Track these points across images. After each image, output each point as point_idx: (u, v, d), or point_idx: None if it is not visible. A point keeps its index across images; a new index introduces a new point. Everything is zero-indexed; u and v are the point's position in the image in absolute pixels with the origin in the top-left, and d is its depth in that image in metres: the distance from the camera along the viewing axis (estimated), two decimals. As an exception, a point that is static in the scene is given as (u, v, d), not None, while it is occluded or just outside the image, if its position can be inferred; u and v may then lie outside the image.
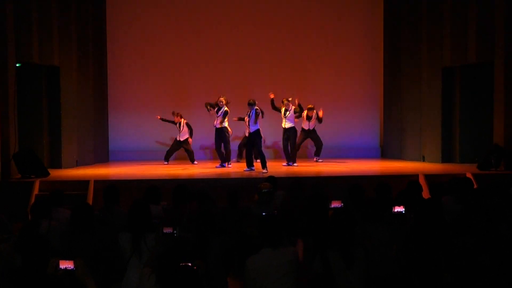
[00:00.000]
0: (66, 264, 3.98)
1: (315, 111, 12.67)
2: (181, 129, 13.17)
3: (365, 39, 15.04)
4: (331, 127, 13.81)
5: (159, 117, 13.45)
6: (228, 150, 12.28)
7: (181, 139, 13.22)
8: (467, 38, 12.16)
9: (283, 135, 12.46)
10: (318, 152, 13.11)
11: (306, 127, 12.86)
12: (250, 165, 11.37)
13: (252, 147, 11.49)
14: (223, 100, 12.03)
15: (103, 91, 14.11)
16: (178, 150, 13.46)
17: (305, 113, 12.64)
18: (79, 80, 12.79)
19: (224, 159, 12.24)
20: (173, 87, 14.79)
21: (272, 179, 7.46)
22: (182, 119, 13.18)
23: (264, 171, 10.85)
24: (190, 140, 13.27)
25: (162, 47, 14.69)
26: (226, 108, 12.03)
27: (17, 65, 10.85)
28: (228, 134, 12.32)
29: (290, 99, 12.30)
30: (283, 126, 12.38)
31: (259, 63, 14.77)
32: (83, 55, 12.96)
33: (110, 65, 14.35)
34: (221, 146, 12.29)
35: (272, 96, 12.12)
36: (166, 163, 13.21)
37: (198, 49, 14.73)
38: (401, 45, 14.05)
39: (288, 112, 12.24)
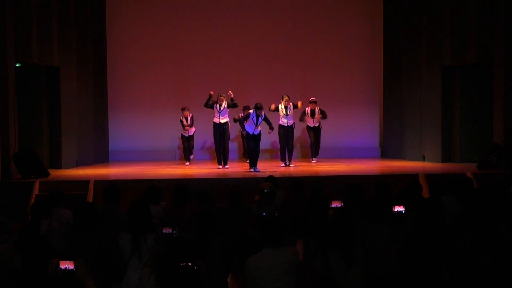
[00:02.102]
0: (66, 264, 3.99)
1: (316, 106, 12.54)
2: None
3: (365, 39, 15.01)
4: (331, 127, 13.80)
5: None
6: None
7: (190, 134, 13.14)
8: (466, 38, 12.14)
9: (284, 133, 11.93)
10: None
11: (311, 124, 12.72)
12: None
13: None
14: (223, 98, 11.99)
15: (103, 91, 14.10)
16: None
17: (308, 109, 12.47)
18: (79, 80, 12.79)
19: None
20: (174, 87, 14.77)
21: (272, 179, 7.42)
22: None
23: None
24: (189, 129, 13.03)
25: (162, 47, 14.67)
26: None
27: (17, 65, 10.85)
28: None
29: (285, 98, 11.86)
30: (286, 125, 11.87)
31: (259, 61, 14.74)
32: (83, 55, 12.95)
33: (110, 65, 14.35)
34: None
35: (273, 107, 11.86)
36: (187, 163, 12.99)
37: (199, 49, 14.71)
38: (401, 45, 14.03)
39: (289, 110, 11.80)
